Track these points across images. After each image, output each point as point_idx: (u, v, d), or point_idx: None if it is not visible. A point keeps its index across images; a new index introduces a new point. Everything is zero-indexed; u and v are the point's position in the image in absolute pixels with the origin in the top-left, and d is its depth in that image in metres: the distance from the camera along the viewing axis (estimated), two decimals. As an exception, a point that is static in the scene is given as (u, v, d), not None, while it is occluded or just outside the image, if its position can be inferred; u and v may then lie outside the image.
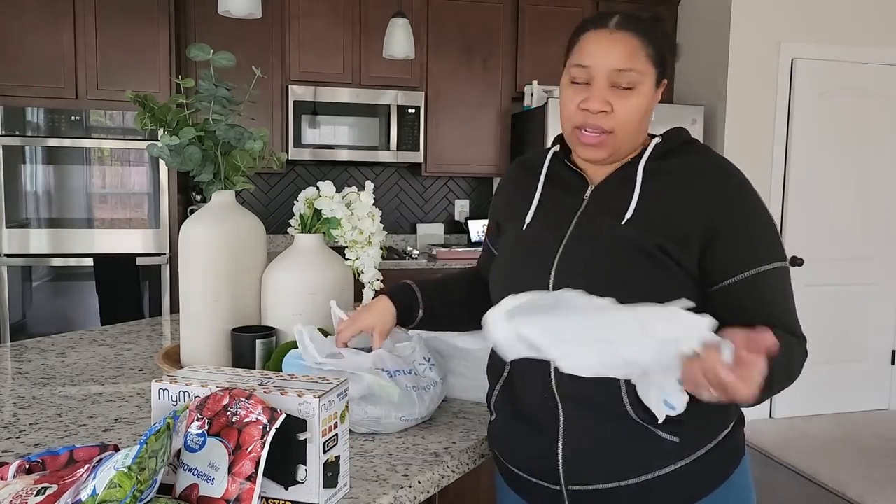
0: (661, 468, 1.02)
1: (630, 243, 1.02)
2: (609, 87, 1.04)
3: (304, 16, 3.83)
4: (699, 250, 1.01)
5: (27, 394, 1.42)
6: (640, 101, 1.05)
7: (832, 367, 4.01)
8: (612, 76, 1.03)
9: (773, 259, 1.02)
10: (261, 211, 4.22)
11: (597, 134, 1.05)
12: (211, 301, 1.50)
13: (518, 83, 4.17)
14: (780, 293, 1.03)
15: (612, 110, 1.04)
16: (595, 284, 1.01)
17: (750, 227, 1.02)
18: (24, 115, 3.40)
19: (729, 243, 1.01)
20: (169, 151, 1.48)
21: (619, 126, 1.05)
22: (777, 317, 1.01)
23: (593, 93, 1.04)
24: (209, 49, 1.49)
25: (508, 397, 1.14)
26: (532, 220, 1.14)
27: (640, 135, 1.09)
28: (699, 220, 1.01)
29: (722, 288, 1.02)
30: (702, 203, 1.02)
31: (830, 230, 4.05)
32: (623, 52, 1.03)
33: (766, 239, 1.03)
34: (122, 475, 0.75)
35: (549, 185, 1.15)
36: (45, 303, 3.50)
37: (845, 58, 3.99)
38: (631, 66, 1.03)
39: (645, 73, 1.04)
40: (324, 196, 1.51)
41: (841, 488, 3.15)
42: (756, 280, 1.01)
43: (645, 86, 1.05)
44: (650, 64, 1.04)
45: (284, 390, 0.90)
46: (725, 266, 1.01)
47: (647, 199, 1.04)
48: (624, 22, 1.05)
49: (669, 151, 1.08)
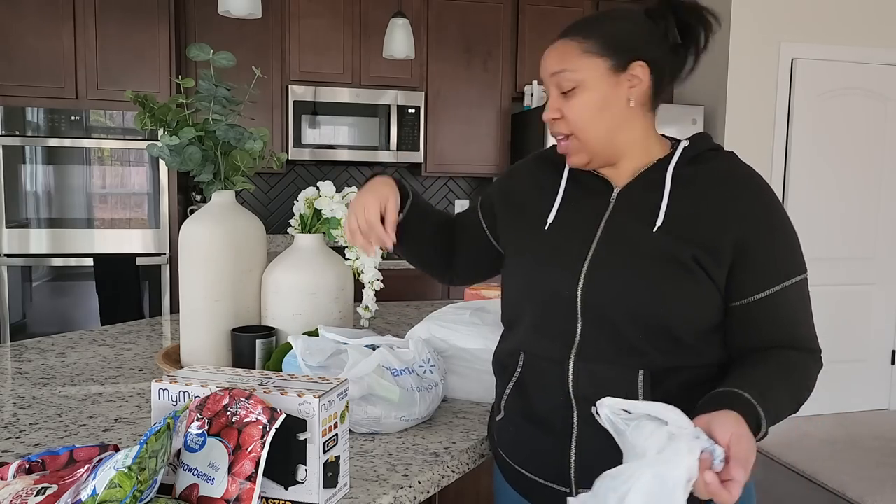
0: None
1: (663, 252, 1.00)
2: (558, 95, 1.07)
3: (304, 16, 3.83)
4: (729, 266, 1.00)
5: (27, 394, 1.42)
6: (589, 97, 1.04)
7: (832, 367, 3.98)
8: (555, 82, 1.06)
9: (796, 273, 1.02)
10: (261, 211, 4.22)
11: (562, 139, 1.09)
12: (211, 301, 1.50)
13: (518, 83, 4.17)
14: (799, 307, 1.03)
15: (563, 115, 1.06)
16: (628, 289, 1.01)
17: (776, 241, 1.01)
18: (24, 115, 3.40)
19: (755, 259, 1.00)
20: (169, 151, 1.48)
21: (574, 129, 1.06)
22: (797, 334, 1.02)
23: (547, 103, 1.09)
24: (209, 49, 1.49)
25: (520, 397, 1.13)
26: (555, 220, 1.12)
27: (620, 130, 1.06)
28: (728, 234, 1.00)
29: (744, 305, 1.01)
30: (731, 216, 1.00)
31: (830, 230, 4.05)
32: (554, 57, 1.06)
33: (790, 253, 1.02)
34: (122, 475, 0.75)
35: (571, 184, 1.14)
36: (45, 303, 3.50)
37: (845, 58, 3.99)
38: (561, 67, 1.04)
39: (583, 69, 1.03)
40: (324, 196, 1.51)
41: (841, 488, 3.15)
42: (778, 297, 1.00)
43: (591, 80, 1.03)
44: (589, 57, 1.03)
45: (284, 390, 0.90)
46: (751, 283, 1.00)
47: (676, 207, 1.03)
48: (568, 30, 1.07)
49: (697, 157, 1.07)
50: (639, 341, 1.00)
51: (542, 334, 1.08)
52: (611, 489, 0.77)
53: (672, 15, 1.04)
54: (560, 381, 1.05)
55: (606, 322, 1.01)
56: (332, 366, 1.21)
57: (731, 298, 1.02)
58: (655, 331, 1.00)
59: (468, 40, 4.09)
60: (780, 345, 1.01)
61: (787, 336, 1.02)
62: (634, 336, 1.00)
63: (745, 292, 1.00)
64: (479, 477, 1.46)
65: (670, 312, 0.99)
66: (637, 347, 1.00)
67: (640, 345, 1.00)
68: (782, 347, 1.01)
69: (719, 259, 1.00)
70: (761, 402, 0.90)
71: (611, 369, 1.02)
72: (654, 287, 1.00)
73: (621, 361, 1.01)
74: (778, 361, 0.99)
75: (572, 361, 1.04)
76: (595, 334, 1.03)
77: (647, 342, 1.00)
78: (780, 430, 3.84)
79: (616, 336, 1.01)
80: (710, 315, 1.01)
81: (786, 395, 0.96)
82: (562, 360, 1.05)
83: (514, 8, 4.13)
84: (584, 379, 1.03)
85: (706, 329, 1.02)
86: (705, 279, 1.00)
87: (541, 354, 1.09)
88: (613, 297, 1.01)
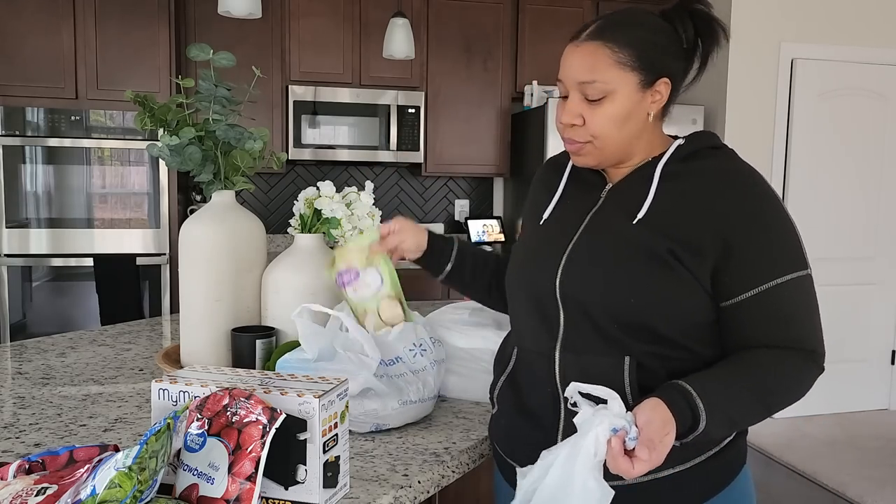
0: (661, 470, 1.02)
1: (640, 244, 1.01)
2: (581, 100, 1.04)
3: (304, 16, 3.83)
4: (713, 265, 0.99)
5: (27, 394, 1.42)
6: (615, 109, 1.02)
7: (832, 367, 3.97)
8: (581, 88, 1.03)
9: (791, 270, 0.99)
10: (261, 211, 4.22)
11: (575, 143, 1.07)
12: (211, 301, 1.50)
13: (518, 83, 4.17)
14: (796, 304, 1.00)
15: (584, 123, 1.04)
16: (601, 280, 1.02)
17: (764, 239, 0.99)
18: (24, 115, 3.40)
19: (742, 258, 0.98)
20: (169, 151, 1.48)
21: (594, 136, 1.04)
22: (792, 333, 1.00)
23: (567, 106, 1.06)
24: (209, 49, 1.49)
25: (511, 390, 1.15)
26: (550, 215, 1.15)
27: (637, 138, 1.07)
28: (710, 232, 0.99)
29: (734, 304, 1.00)
30: (714, 213, 0.99)
31: (830, 230, 4.05)
32: (585, 64, 1.02)
33: (784, 249, 1.00)
34: (122, 475, 0.75)
35: (571, 183, 1.17)
36: (45, 303, 3.50)
37: (845, 58, 3.99)
38: (593, 77, 1.01)
39: (614, 81, 1.01)
40: (324, 196, 1.51)
41: (841, 488, 3.15)
42: (768, 295, 0.98)
43: (620, 93, 1.02)
44: (622, 70, 1.01)
45: (284, 390, 0.90)
46: (739, 281, 0.99)
47: (660, 202, 1.03)
48: (596, 31, 1.03)
49: (693, 155, 1.06)
50: (616, 332, 1.01)
51: (531, 327, 1.11)
52: (545, 459, 0.90)
53: (689, 20, 1.05)
54: (548, 373, 1.07)
55: (584, 313, 1.03)
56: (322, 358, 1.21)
57: (721, 298, 1.01)
58: (630, 322, 1.00)
59: (468, 40, 4.08)
60: (774, 344, 0.99)
61: (780, 336, 1.00)
62: (611, 327, 1.01)
63: (734, 291, 1.00)
64: (479, 477, 1.46)
65: (642, 304, 0.99)
66: (617, 339, 1.01)
67: (619, 336, 1.00)
68: (774, 347, 0.99)
69: (699, 255, 0.99)
70: (703, 395, 0.92)
71: (596, 360, 1.02)
72: (625, 278, 1.00)
73: (605, 352, 1.02)
74: (748, 360, 0.99)
75: (558, 353, 1.05)
76: (577, 325, 1.04)
77: (624, 333, 1.00)
78: (781, 430, 3.84)
79: (596, 327, 1.02)
80: (692, 311, 1.00)
81: (746, 394, 0.96)
82: (549, 353, 1.07)
83: (514, 8, 4.13)
84: (571, 371, 1.04)
85: (689, 325, 1.01)
86: (685, 274, 0.99)
87: (530, 347, 1.11)
88: (587, 288, 1.03)
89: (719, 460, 1.05)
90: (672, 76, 1.05)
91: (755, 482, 1.14)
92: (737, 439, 1.08)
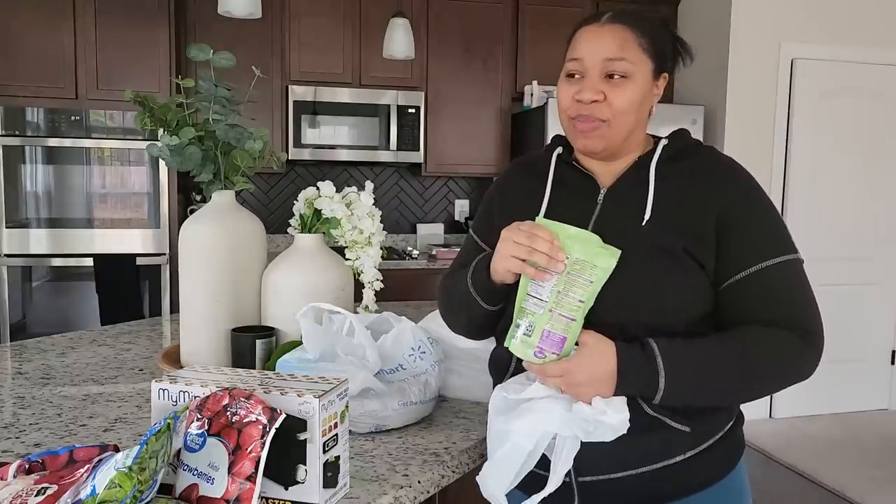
0: (671, 457, 1.03)
1: (655, 244, 1.02)
2: (602, 78, 1.05)
3: (304, 16, 3.83)
4: (715, 252, 1.02)
5: (27, 394, 1.42)
6: (635, 91, 1.05)
7: (832, 367, 3.98)
8: (605, 66, 1.04)
9: (782, 253, 1.03)
10: (261, 211, 4.22)
11: (591, 122, 1.05)
12: (211, 301, 1.50)
13: (518, 83, 4.17)
14: (788, 286, 1.03)
15: (606, 99, 1.04)
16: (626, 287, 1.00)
17: (756, 223, 1.03)
18: (24, 115, 3.40)
19: (738, 238, 1.02)
20: (169, 151, 1.48)
21: (613, 116, 1.05)
22: (787, 313, 1.01)
23: (586, 83, 1.05)
24: (209, 49, 1.49)
25: None
26: None
27: (638, 129, 1.09)
28: (710, 217, 1.02)
29: (732, 284, 1.02)
30: (712, 201, 1.03)
31: (830, 230, 4.05)
32: (613, 41, 1.04)
33: (773, 235, 1.04)
34: (122, 475, 0.75)
35: (557, 188, 1.14)
36: (45, 303, 3.50)
37: (845, 58, 3.99)
38: (622, 55, 1.03)
39: (638, 63, 1.04)
40: (324, 196, 1.51)
41: (841, 488, 3.15)
42: (764, 274, 1.01)
43: (640, 76, 1.05)
44: (644, 54, 1.05)
45: (284, 390, 0.90)
46: (735, 262, 1.02)
47: (662, 201, 1.05)
48: (616, 16, 1.07)
49: (678, 154, 1.09)
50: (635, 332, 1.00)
51: None
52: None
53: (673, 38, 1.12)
54: None
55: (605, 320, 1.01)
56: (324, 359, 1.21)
57: (719, 281, 1.03)
58: (654, 323, 1.00)
59: (468, 40, 4.08)
60: (768, 323, 1.01)
61: (773, 314, 1.01)
62: (635, 330, 1.00)
63: (729, 273, 1.02)
64: (479, 477, 1.46)
65: (668, 303, 1.00)
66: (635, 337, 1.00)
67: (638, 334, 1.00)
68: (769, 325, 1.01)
69: (707, 244, 1.02)
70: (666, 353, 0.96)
71: None
72: (652, 279, 1.01)
73: None
74: (732, 332, 1.01)
75: None
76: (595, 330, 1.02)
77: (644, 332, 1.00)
78: (781, 429, 3.84)
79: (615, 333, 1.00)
80: (702, 305, 1.03)
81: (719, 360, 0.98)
82: None
83: (514, 8, 4.13)
84: None
85: (697, 319, 1.03)
86: (697, 269, 1.02)
87: None
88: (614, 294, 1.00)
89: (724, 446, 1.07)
90: (670, 74, 1.09)
91: (755, 482, 1.15)
92: (735, 427, 1.10)
